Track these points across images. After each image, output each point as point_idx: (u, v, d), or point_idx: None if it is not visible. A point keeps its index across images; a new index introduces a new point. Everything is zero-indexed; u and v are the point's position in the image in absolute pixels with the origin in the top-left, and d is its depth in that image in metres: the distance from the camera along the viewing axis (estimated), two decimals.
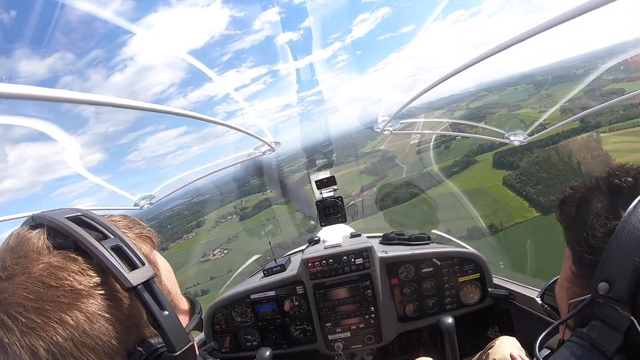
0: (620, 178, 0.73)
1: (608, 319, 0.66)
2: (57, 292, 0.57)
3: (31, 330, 0.55)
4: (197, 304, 0.84)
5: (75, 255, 0.61)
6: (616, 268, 0.65)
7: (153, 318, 0.64)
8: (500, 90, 20.01)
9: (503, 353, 1.99)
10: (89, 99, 1.57)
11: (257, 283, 2.70)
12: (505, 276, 2.72)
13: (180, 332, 0.67)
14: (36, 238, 0.62)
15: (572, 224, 0.78)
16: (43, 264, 0.59)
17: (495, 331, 2.65)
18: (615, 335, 0.65)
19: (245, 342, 2.74)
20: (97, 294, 0.60)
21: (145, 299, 0.63)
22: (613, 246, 0.66)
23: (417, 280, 2.64)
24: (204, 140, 18.84)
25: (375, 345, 2.63)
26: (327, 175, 2.98)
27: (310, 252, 2.69)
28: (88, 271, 0.61)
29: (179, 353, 0.65)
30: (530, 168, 23.60)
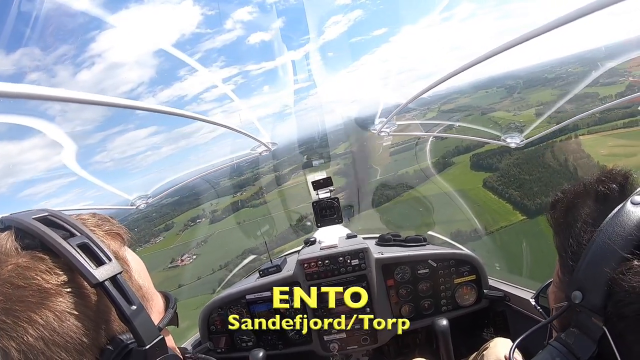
0: (606, 185, 0.74)
1: (583, 326, 0.68)
2: (25, 292, 0.58)
3: (1, 331, 0.55)
4: (171, 299, 0.84)
5: (42, 255, 0.62)
6: (588, 277, 0.66)
7: (121, 313, 0.64)
8: (471, 93, 20.10)
9: (497, 355, 1.99)
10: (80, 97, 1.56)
11: (253, 283, 2.70)
12: (500, 278, 2.73)
13: (149, 326, 0.67)
14: (4, 240, 0.63)
15: (559, 229, 0.79)
16: (11, 265, 0.59)
17: (491, 333, 2.66)
18: (589, 343, 0.66)
19: (240, 342, 2.73)
20: (65, 292, 0.60)
21: (112, 295, 0.63)
22: (587, 255, 0.67)
23: (413, 281, 2.64)
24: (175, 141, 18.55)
25: (370, 346, 2.62)
26: (323, 176, 2.98)
27: (306, 252, 2.69)
28: (55, 270, 0.61)
29: (148, 347, 0.65)
30: (510, 170, 23.51)
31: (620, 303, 0.61)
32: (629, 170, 0.75)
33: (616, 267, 0.62)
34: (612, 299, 0.62)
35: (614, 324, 0.63)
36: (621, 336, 0.62)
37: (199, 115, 2.72)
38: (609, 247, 0.64)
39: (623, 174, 0.74)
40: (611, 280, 0.62)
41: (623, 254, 0.63)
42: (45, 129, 2.48)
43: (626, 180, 0.74)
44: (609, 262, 0.63)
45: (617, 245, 0.64)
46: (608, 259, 0.64)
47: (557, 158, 20.69)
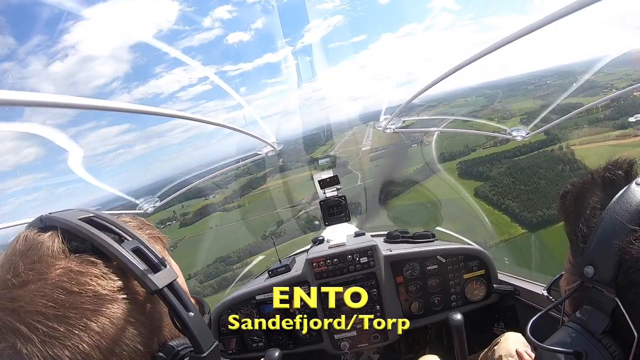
0: (613, 172, 0.77)
1: (596, 302, 0.70)
2: (80, 298, 0.55)
3: (54, 340, 0.52)
4: (205, 305, 0.83)
5: (94, 259, 0.59)
6: (599, 251, 0.69)
7: (180, 320, 0.63)
8: (450, 101, 19.98)
9: (508, 349, 1.99)
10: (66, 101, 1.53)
11: (263, 284, 2.70)
12: (510, 272, 2.71)
13: (206, 333, 0.66)
14: (50, 241, 0.59)
15: (569, 217, 0.82)
16: (61, 269, 0.57)
17: (501, 327, 2.65)
18: (603, 317, 0.68)
19: (251, 343, 2.74)
20: (120, 299, 0.59)
21: (171, 302, 0.62)
22: (597, 232, 0.70)
23: (422, 277, 2.64)
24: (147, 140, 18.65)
25: (381, 343, 2.62)
26: (330, 175, 2.98)
27: (314, 252, 2.69)
28: (109, 275, 0.59)
29: (207, 354, 0.64)
30: (503, 179, 22.99)
31: (630, 270, 0.64)
32: (634, 158, 0.78)
33: (625, 238, 0.65)
34: (622, 268, 0.65)
35: (624, 295, 0.65)
36: (633, 306, 0.64)
37: (205, 117, 2.73)
38: (617, 222, 0.67)
39: (628, 162, 0.78)
40: (620, 250, 0.65)
41: (630, 227, 0.66)
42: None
43: (631, 167, 0.77)
44: (617, 235, 0.66)
45: (624, 219, 0.67)
46: (617, 232, 0.67)
47: (553, 169, 20.52)
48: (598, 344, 0.68)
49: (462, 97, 20.37)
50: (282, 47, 9.33)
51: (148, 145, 21.69)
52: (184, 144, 18.23)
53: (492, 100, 21.34)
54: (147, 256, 0.63)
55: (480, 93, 20.96)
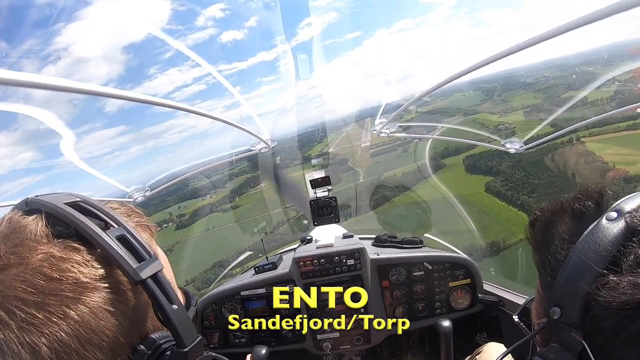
0: (582, 202, 0.75)
1: (563, 341, 0.69)
2: (60, 285, 0.54)
3: (32, 327, 0.51)
4: (192, 297, 0.82)
5: (77, 245, 0.58)
6: (566, 294, 0.68)
7: (163, 312, 0.61)
8: (447, 96, 19.74)
9: (490, 359, 2.00)
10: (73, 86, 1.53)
11: (248, 280, 2.69)
12: (496, 283, 2.73)
13: (189, 326, 0.64)
14: (33, 225, 0.58)
15: (538, 247, 0.81)
16: (43, 254, 0.55)
17: (484, 337, 2.66)
18: (569, 358, 0.67)
19: (234, 338, 2.72)
20: (102, 287, 0.57)
21: (155, 293, 0.60)
22: (564, 272, 0.69)
23: (407, 283, 2.64)
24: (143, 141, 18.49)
25: (363, 346, 2.63)
26: (322, 175, 2.98)
27: (302, 251, 2.69)
28: (92, 262, 0.58)
29: (189, 348, 0.62)
30: (515, 173, 22.24)
31: (597, 317, 0.63)
32: (604, 187, 0.76)
33: (592, 282, 0.64)
34: (589, 313, 0.64)
35: (592, 338, 0.64)
36: (600, 349, 0.63)
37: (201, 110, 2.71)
38: (584, 264, 0.66)
39: (598, 191, 0.76)
40: (587, 295, 0.64)
41: (598, 270, 0.64)
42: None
43: (602, 197, 0.75)
44: (585, 279, 0.65)
45: (592, 261, 0.65)
46: (584, 275, 0.65)
47: (567, 162, 20.09)
48: None
49: (458, 92, 20.31)
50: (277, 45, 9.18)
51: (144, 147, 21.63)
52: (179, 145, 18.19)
53: (491, 94, 21.27)
54: (132, 245, 0.62)
55: (477, 87, 20.90)
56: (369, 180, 20.36)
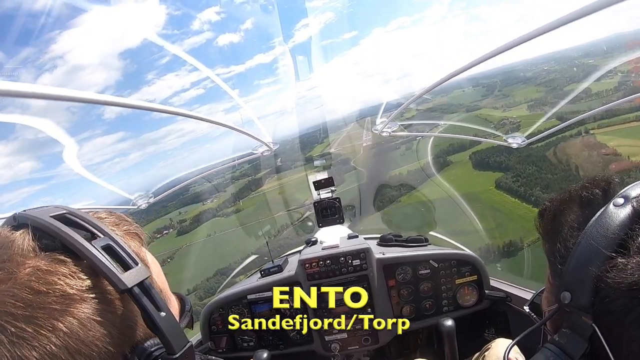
0: (590, 190, 0.77)
1: (574, 326, 0.70)
2: (47, 298, 0.54)
3: (22, 340, 0.52)
4: (187, 301, 0.82)
5: (63, 257, 0.58)
6: (575, 278, 0.69)
7: (150, 320, 0.62)
8: (447, 93, 19.46)
9: (499, 355, 1.99)
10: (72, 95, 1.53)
11: (254, 283, 2.70)
12: (502, 278, 2.72)
13: (178, 333, 0.65)
14: (20, 240, 0.59)
15: (547, 236, 0.82)
16: (30, 268, 0.56)
17: (492, 333, 2.66)
18: (581, 342, 0.68)
19: (242, 342, 2.73)
20: (90, 298, 0.58)
21: (141, 301, 0.61)
22: (573, 257, 0.70)
23: (414, 281, 2.64)
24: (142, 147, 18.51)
25: (371, 347, 2.62)
26: (325, 177, 2.98)
27: (307, 253, 2.69)
28: (78, 274, 0.58)
29: (178, 355, 0.63)
30: (526, 169, 21.78)
31: (607, 299, 0.64)
32: (611, 176, 0.78)
33: (601, 266, 0.65)
34: (599, 296, 0.65)
35: (602, 321, 0.65)
36: (610, 332, 0.64)
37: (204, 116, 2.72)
38: (593, 248, 0.67)
39: (606, 180, 0.78)
40: (597, 278, 0.65)
41: (607, 253, 0.65)
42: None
43: (609, 185, 0.76)
44: (594, 262, 0.66)
45: (600, 245, 0.66)
46: (593, 259, 0.66)
47: (578, 155, 19.74)
48: None
49: (458, 89, 20.09)
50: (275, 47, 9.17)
51: (144, 152, 21.56)
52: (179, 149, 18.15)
53: (492, 89, 21.04)
54: (118, 254, 0.62)
55: (477, 83, 20.69)
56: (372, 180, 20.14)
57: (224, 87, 3.86)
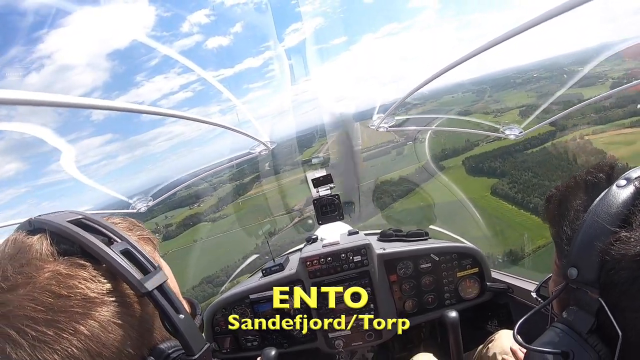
0: (594, 174, 0.80)
1: (581, 302, 0.72)
2: (69, 302, 0.54)
3: (43, 344, 0.52)
4: (197, 306, 0.82)
5: (83, 262, 0.59)
6: (582, 253, 0.71)
7: (170, 322, 0.62)
8: (437, 98, 19.26)
9: (503, 347, 2.00)
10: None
11: (256, 283, 2.70)
12: (503, 270, 2.73)
13: (197, 335, 0.65)
14: (38, 244, 0.58)
15: (554, 220, 0.84)
16: (49, 272, 0.56)
17: (495, 325, 2.66)
18: (588, 317, 0.70)
19: (245, 342, 2.73)
20: (110, 301, 0.58)
21: (161, 304, 0.61)
22: (579, 235, 0.72)
23: (415, 276, 2.64)
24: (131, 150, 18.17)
25: (375, 342, 2.63)
26: (323, 174, 2.98)
27: (308, 250, 2.69)
28: (98, 277, 0.58)
29: (197, 356, 0.64)
30: (522, 174, 21.56)
31: (612, 271, 0.65)
32: (614, 161, 0.81)
33: (605, 240, 0.67)
34: (604, 268, 0.66)
35: (608, 294, 0.66)
36: (616, 305, 0.66)
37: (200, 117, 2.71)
38: (598, 225, 0.69)
39: (609, 165, 0.80)
40: (602, 252, 0.66)
41: (611, 229, 0.67)
42: None
43: (612, 169, 0.79)
44: (599, 237, 0.68)
45: (605, 222, 0.68)
46: (598, 235, 0.68)
47: (576, 160, 19.62)
48: (584, 344, 0.69)
49: (447, 95, 19.93)
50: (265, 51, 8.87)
51: (132, 155, 21.10)
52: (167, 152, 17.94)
53: (482, 95, 20.89)
54: (137, 258, 0.63)
55: (467, 89, 20.48)
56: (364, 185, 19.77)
57: (218, 87, 3.85)
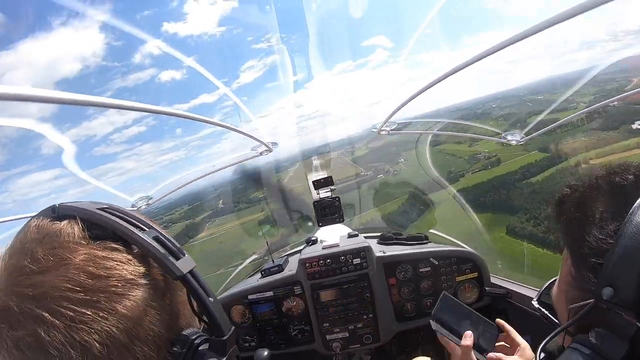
0: (622, 176, 0.70)
1: (612, 325, 0.63)
2: (108, 282, 0.56)
3: (82, 324, 0.52)
4: None
5: (117, 245, 0.60)
6: (621, 272, 0.62)
7: (203, 304, 0.64)
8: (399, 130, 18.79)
9: None
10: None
11: (255, 283, 2.70)
12: (502, 275, 2.73)
13: (225, 318, 0.67)
14: (69, 228, 0.59)
15: (570, 225, 0.75)
16: (85, 254, 0.56)
17: None
18: (620, 343, 0.62)
19: (243, 342, 2.73)
20: (144, 284, 0.60)
21: (194, 286, 0.64)
22: (618, 248, 0.62)
23: (414, 279, 2.64)
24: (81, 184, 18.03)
25: (373, 345, 2.63)
26: (324, 176, 2.99)
27: (308, 252, 2.69)
28: (133, 260, 0.60)
29: (227, 337, 0.66)
30: (539, 207, 19.21)
31: None
32: None
33: None
34: None
35: None
36: None
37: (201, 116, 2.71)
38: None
39: (636, 166, 0.72)
40: None
41: None
42: None
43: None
44: None
45: None
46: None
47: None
48: None
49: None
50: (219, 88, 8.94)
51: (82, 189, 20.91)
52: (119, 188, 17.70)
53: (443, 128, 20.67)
54: (167, 245, 0.64)
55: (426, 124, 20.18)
56: None
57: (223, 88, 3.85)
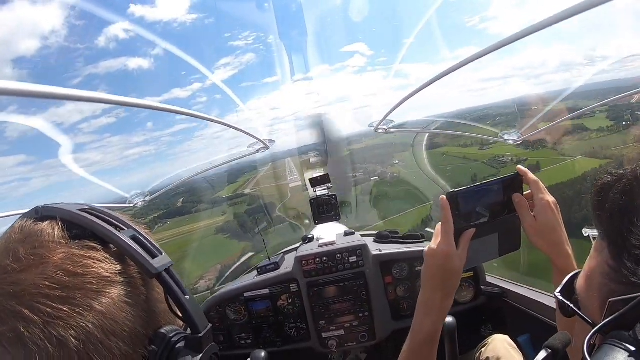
0: None
1: None
2: (84, 279, 0.57)
3: (58, 320, 0.53)
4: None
5: (94, 244, 0.61)
6: None
7: (178, 302, 0.65)
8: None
9: (496, 351, 2.00)
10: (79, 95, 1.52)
11: (251, 281, 2.70)
12: (498, 274, 2.74)
13: (201, 315, 0.68)
14: (49, 229, 0.61)
15: (614, 213, 0.67)
16: (63, 253, 0.58)
17: (489, 329, 2.66)
18: None
19: (239, 340, 2.73)
20: (120, 281, 0.61)
21: (169, 284, 0.65)
22: None
23: (410, 278, 2.65)
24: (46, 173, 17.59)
25: (369, 343, 2.63)
26: (321, 173, 2.99)
27: (304, 250, 2.69)
28: (110, 259, 0.61)
29: (203, 334, 0.66)
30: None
31: None
32: None
33: None
34: None
35: None
36: None
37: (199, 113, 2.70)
38: None
39: None
40: None
41: None
42: None
43: None
44: None
45: None
46: None
47: None
48: None
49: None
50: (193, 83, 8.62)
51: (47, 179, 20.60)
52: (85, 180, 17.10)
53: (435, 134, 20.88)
54: (144, 244, 0.65)
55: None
56: None
57: (225, 89, 3.84)
